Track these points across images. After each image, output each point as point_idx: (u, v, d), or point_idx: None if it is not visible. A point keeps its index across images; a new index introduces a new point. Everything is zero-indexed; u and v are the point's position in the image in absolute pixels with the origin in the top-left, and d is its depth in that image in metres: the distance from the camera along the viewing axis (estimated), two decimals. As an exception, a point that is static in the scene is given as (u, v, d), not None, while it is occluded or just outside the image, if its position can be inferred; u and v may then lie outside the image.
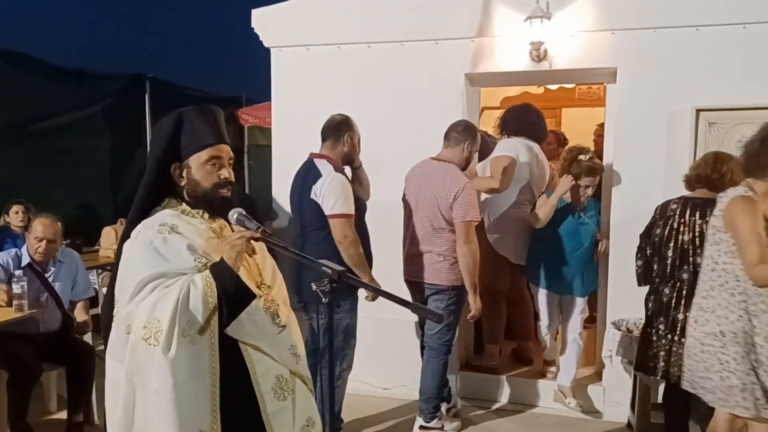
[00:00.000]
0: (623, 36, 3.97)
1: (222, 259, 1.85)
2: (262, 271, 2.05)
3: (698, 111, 3.81)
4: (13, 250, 3.93)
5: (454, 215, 3.56)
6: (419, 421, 3.89)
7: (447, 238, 3.63)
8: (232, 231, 1.99)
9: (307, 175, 3.46)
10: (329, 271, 1.66)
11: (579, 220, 4.04)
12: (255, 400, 1.93)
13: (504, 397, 4.39)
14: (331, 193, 3.31)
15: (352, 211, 3.37)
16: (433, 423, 3.86)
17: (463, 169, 3.74)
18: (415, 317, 4.13)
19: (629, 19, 3.94)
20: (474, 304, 3.66)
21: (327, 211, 3.33)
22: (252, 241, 1.88)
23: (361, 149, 3.66)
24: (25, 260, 3.87)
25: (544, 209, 4.00)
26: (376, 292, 1.74)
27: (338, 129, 3.53)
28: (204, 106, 2.02)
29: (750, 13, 3.74)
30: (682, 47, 3.87)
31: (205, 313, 1.79)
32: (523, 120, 4.44)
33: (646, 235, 3.44)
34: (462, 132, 3.72)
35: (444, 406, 4.07)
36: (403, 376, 4.41)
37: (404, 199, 3.85)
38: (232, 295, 1.83)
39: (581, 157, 3.90)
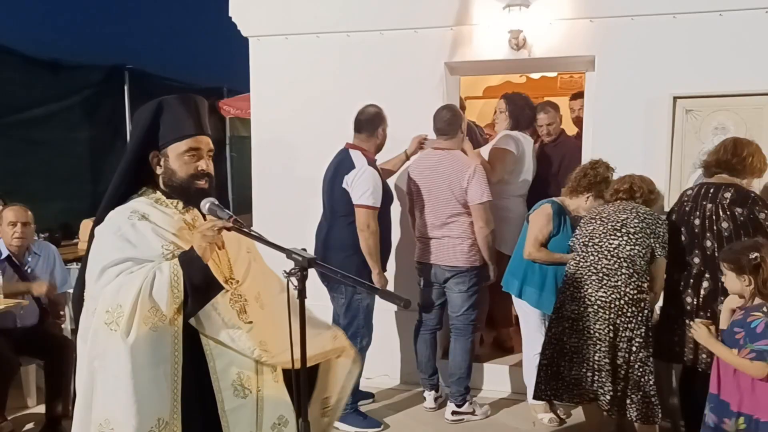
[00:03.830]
0: (601, 24, 3.98)
1: (192, 248, 1.83)
2: (233, 266, 2.02)
3: (675, 98, 3.83)
4: (-10, 245, 3.89)
5: (469, 198, 3.69)
6: (450, 406, 3.93)
7: (463, 221, 3.76)
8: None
9: (341, 164, 3.68)
10: (300, 258, 1.66)
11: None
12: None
13: (486, 385, 4.40)
14: (361, 184, 3.56)
15: (378, 205, 3.60)
16: (465, 407, 3.92)
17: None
18: (395, 307, 4.15)
19: (607, 7, 3.95)
20: (492, 273, 3.90)
21: (355, 200, 3.58)
22: (227, 235, 1.87)
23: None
24: (3, 254, 3.85)
25: (545, 258, 3.65)
26: (345, 279, 1.73)
27: (373, 122, 3.72)
28: (187, 95, 2.01)
29: (726, 1, 3.75)
30: (660, 35, 3.88)
31: (170, 301, 1.78)
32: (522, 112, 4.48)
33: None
34: (451, 122, 3.81)
35: (432, 395, 4.10)
36: (384, 365, 4.42)
37: (411, 188, 3.93)
38: (199, 286, 1.81)
39: (609, 175, 3.55)
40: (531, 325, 3.82)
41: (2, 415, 3.80)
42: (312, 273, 1.73)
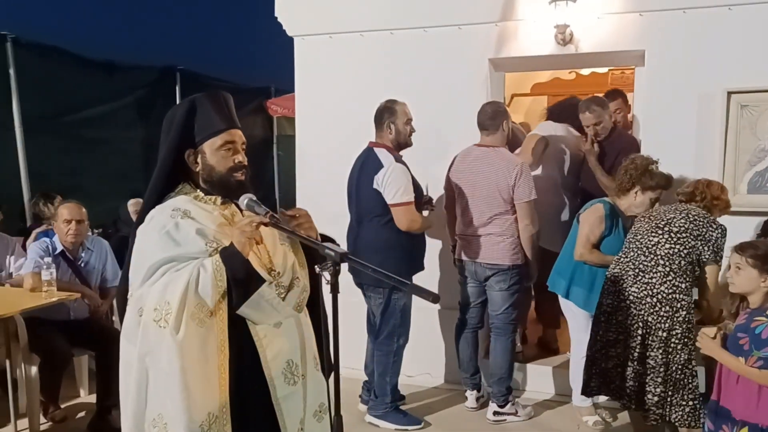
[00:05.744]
0: (651, 17, 3.87)
1: (231, 243, 1.86)
2: (273, 258, 2.04)
3: (730, 93, 3.69)
4: (45, 241, 4.04)
5: (516, 196, 3.67)
6: (492, 406, 3.90)
7: (506, 219, 3.73)
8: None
9: (367, 164, 3.65)
10: (332, 253, 1.66)
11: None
12: (266, 385, 1.94)
13: (530, 386, 4.35)
14: (393, 183, 3.50)
15: (413, 198, 3.57)
16: (508, 408, 3.89)
17: (508, 142, 3.90)
18: (438, 306, 4.13)
19: (658, 0, 3.83)
20: (534, 270, 3.90)
21: (389, 200, 3.52)
22: (263, 228, 1.89)
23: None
24: (58, 249, 3.99)
25: (597, 261, 3.55)
26: (375, 273, 1.72)
27: (380, 117, 3.69)
28: (215, 92, 2.06)
29: (786, -10, 3.60)
30: (713, 28, 3.75)
31: (214, 296, 1.81)
32: (565, 107, 4.52)
33: None
34: (494, 117, 3.77)
35: (474, 394, 4.07)
36: (427, 363, 4.40)
37: (451, 186, 3.91)
38: (241, 280, 1.83)
39: (653, 167, 3.45)
40: (578, 327, 3.73)
41: (56, 404, 3.95)
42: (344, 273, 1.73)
